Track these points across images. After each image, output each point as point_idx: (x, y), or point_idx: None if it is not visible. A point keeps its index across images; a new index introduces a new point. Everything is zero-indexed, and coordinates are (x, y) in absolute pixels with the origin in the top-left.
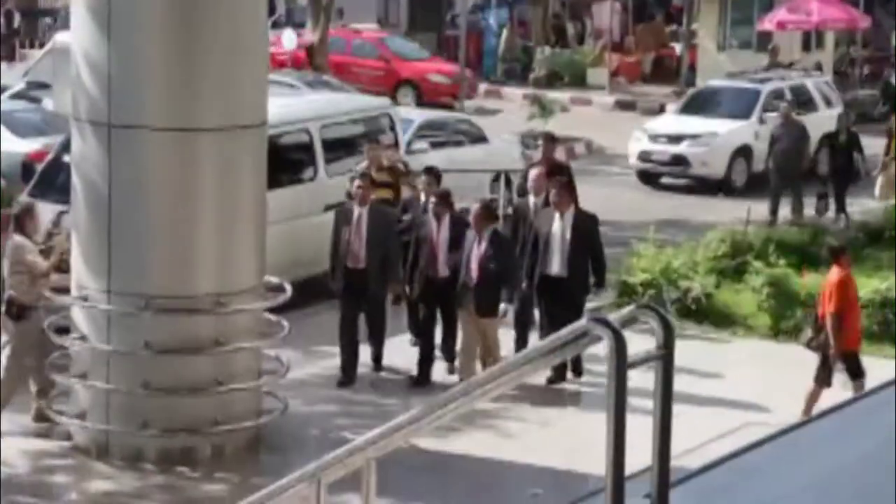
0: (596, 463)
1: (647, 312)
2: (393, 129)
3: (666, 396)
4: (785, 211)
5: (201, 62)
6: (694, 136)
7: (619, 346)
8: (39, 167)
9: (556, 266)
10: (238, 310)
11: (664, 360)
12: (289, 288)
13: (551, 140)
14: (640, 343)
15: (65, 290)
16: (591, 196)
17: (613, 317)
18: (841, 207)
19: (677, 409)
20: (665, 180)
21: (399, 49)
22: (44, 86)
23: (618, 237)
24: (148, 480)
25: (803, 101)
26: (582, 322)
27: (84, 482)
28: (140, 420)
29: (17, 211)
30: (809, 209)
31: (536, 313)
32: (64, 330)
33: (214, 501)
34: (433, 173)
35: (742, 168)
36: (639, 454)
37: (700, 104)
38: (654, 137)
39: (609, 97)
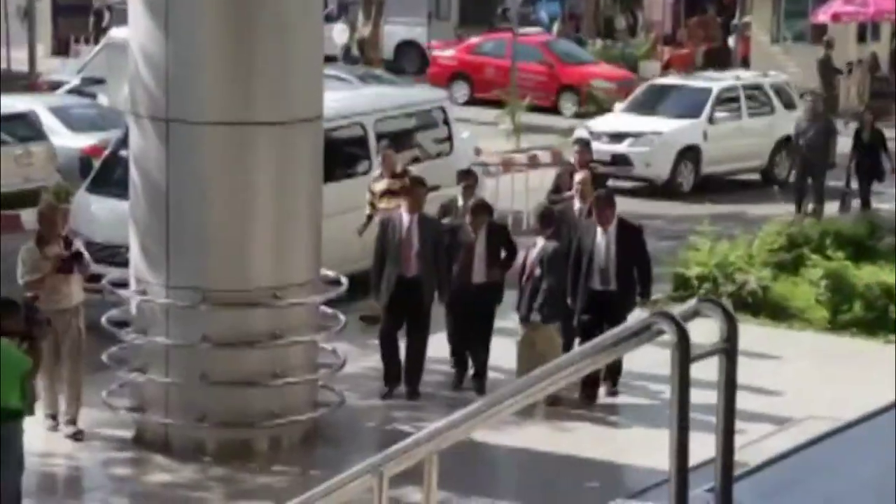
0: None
1: (710, 306)
2: (447, 122)
3: (729, 390)
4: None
5: (258, 56)
6: (636, 135)
7: (683, 340)
8: (97, 162)
9: (600, 281)
10: (294, 303)
11: (727, 353)
12: (345, 281)
13: (586, 146)
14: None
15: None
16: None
17: (676, 310)
18: (866, 204)
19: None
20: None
21: (564, 52)
22: (99, 81)
23: (673, 230)
24: (207, 473)
25: (759, 101)
26: (645, 316)
27: (144, 474)
28: (198, 413)
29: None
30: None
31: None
32: (123, 324)
33: (273, 494)
34: (471, 176)
35: (689, 170)
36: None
37: (647, 102)
38: (597, 136)
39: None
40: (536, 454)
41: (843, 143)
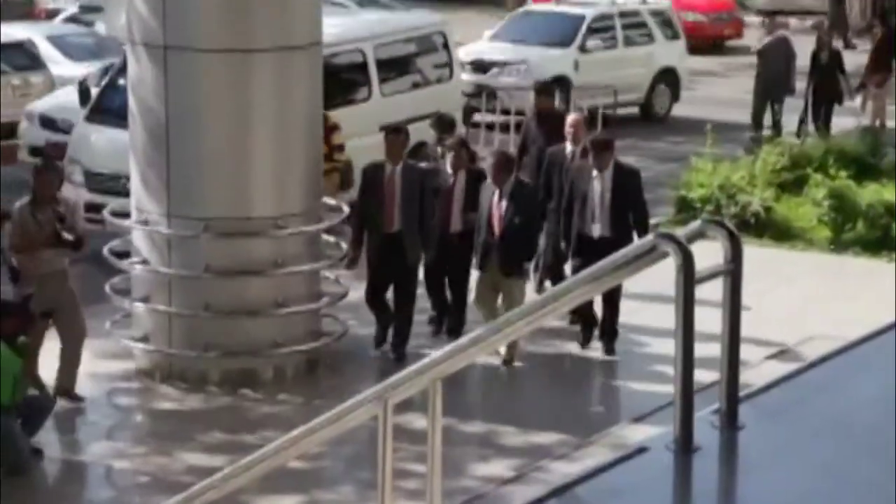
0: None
1: (714, 227)
2: (447, 47)
3: (734, 311)
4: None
5: None
6: (501, 65)
7: (687, 261)
8: (96, 91)
9: (596, 227)
10: (295, 232)
11: (732, 274)
12: (346, 208)
13: (545, 91)
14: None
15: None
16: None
17: (680, 232)
18: (826, 127)
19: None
20: (477, 117)
21: None
22: (96, 9)
23: (677, 151)
24: (212, 402)
25: (637, 30)
26: (649, 237)
27: (149, 404)
28: (202, 343)
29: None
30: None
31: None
32: (124, 254)
33: (278, 422)
34: (444, 121)
35: (558, 101)
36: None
37: (517, 30)
38: (461, 65)
39: None
40: (540, 380)
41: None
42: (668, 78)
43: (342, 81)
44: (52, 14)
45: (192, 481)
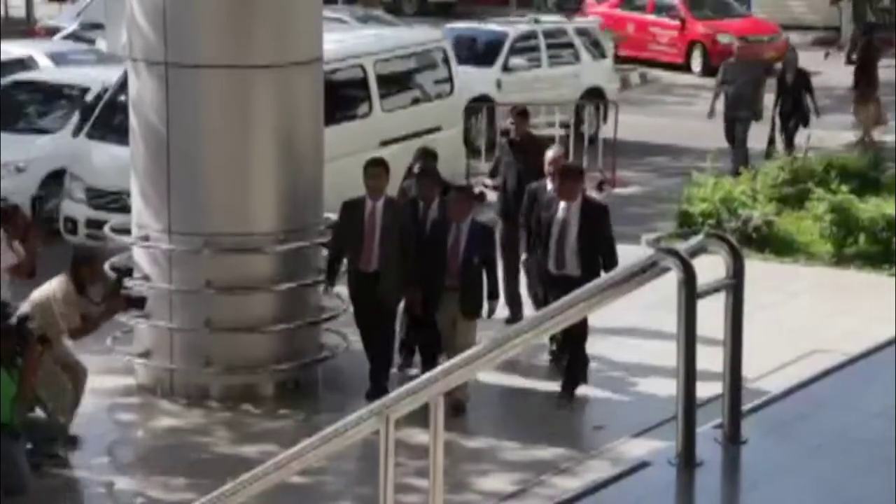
0: (659, 393)
1: (717, 242)
2: (447, 62)
3: (736, 326)
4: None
5: None
6: None
7: (689, 276)
8: (97, 108)
9: (555, 263)
10: (296, 247)
11: (734, 288)
12: None
13: (522, 115)
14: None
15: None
16: (645, 126)
17: (682, 247)
18: (789, 147)
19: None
20: None
21: (702, 4)
22: (97, 26)
23: (675, 167)
24: (212, 417)
25: (563, 49)
26: (650, 252)
27: (150, 419)
28: (203, 358)
29: (75, 256)
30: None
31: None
32: (126, 270)
33: (278, 438)
34: (424, 152)
35: (481, 123)
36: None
37: None
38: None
39: None
40: (540, 394)
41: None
42: (596, 98)
43: (343, 97)
44: (52, 32)
45: (193, 497)
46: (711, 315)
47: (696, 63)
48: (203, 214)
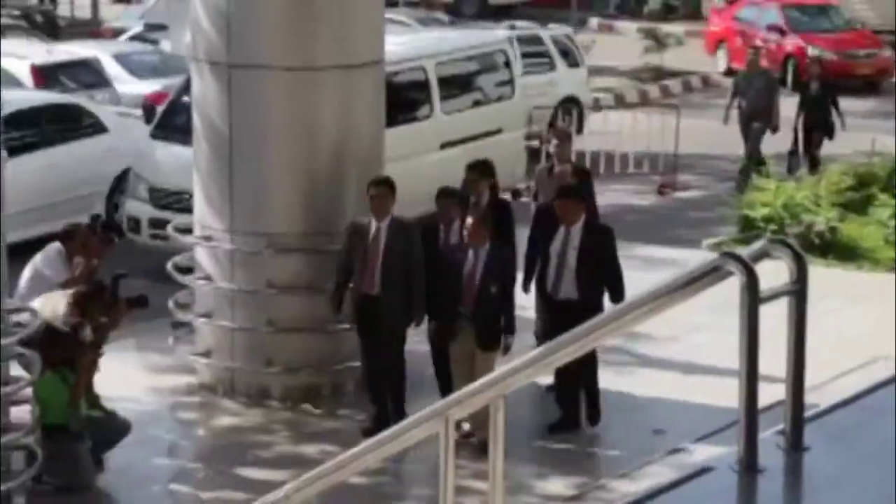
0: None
1: (780, 246)
2: (508, 65)
3: (799, 332)
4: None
5: (319, 0)
6: None
7: (752, 281)
8: (160, 109)
9: (555, 288)
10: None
11: (797, 294)
12: None
13: (565, 137)
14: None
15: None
16: (705, 130)
17: (745, 251)
18: (814, 165)
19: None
20: None
21: (804, 17)
22: (161, 27)
23: (734, 171)
24: (273, 416)
25: (538, 57)
26: (713, 257)
27: (210, 418)
28: (264, 358)
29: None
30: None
31: None
32: (188, 269)
33: (338, 438)
34: (476, 170)
35: None
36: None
37: None
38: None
39: None
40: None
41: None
42: (572, 107)
43: (404, 99)
44: (117, 32)
45: (253, 497)
46: (774, 320)
47: (790, 76)
48: (265, 214)
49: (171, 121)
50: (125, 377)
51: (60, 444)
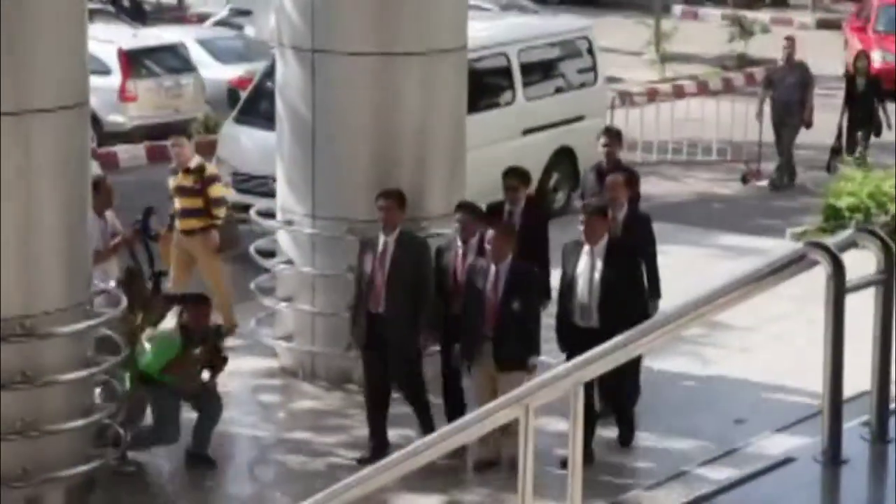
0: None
1: (867, 236)
2: (591, 52)
3: (886, 321)
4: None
5: None
6: None
7: (838, 270)
8: (244, 94)
9: (581, 314)
10: (437, 234)
11: (885, 284)
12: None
13: (615, 137)
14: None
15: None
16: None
17: (831, 241)
18: (862, 163)
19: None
20: None
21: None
22: (245, 13)
23: (822, 161)
24: (352, 400)
25: None
26: (797, 246)
27: (291, 401)
28: (345, 342)
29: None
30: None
31: None
32: (270, 253)
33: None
34: (516, 176)
35: None
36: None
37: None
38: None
39: (811, 16)
40: (679, 387)
41: None
42: None
43: (486, 85)
44: (202, 18)
45: (332, 480)
46: (860, 310)
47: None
48: (346, 199)
49: (254, 106)
50: None
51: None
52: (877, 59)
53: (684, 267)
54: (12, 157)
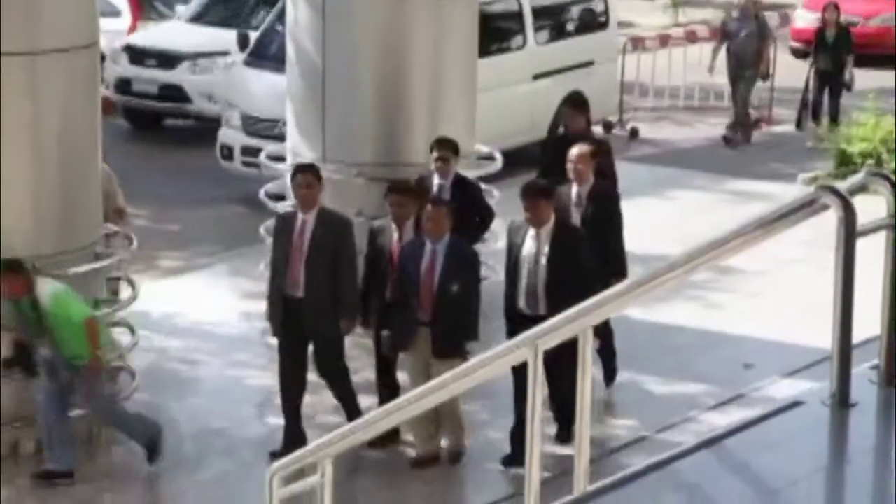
0: (809, 334)
1: (878, 180)
2: None
3: None
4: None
5: None
6: (195, 56)
7: (849, 214)
8: (254, 36)
9: (526, 301)
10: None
11: (895, 229)
12: (499, 157)
13: (580, 105)
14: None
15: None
16: (803, 64)
17: (842, 185)
18: (833, 119)
19: None
20: (169, 122)
21: None
22: None
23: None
24: (360, 342)
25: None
26: (809, 190)
27: None
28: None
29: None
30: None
31: None
32: (280, 196)
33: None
34: (449, 147)
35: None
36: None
37: (221, 7)
38: (138, 57)
39: None
40: (689, 331)
41: None
42: None
43: (497, 29)
44: None
45: (341, 421)
46: (870, 255)
47: None
48: (356, 143)
49: (264, 49)
50: (217, 302)
51: None
52: None
53: (694, 212)
54: (24, 97)
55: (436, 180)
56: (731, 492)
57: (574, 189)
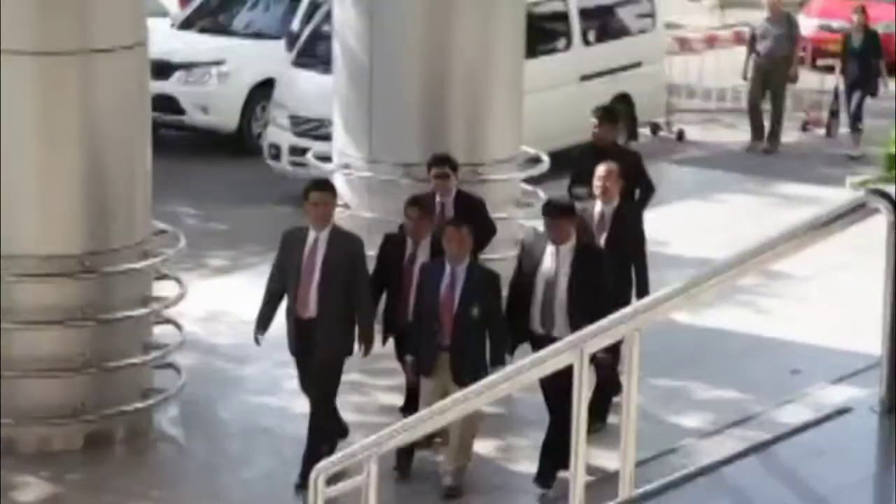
0: (858, 339)
1: None
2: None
3: None
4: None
5: None
6: (188, 66)
7: None
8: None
9: (541, 321)
10: (496, 179)
11: None
12: (546, 159)
13: (608, 115)
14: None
15: None
16: None
17: (892, 189)
18: (855, 124)
19: None
20: (164, 132)
21: None
22: None
23: (885, 108)
24: None
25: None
26: (857, 194)
27: None
28: None
29: None
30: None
31: None
32: None
33: None
34: (447, 163)
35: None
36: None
37: (216, 14)
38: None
39: None
40: (739, 336)
41: None
42: None
43: (544, 30)
44: None
45: (388, 421)
46: None
47: None
48: (403, 143)
49: (312, 49)
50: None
51: None
52: None
53: (742, 215)
54: (74, 96)
55: (437, 199)
56: (777, 498)
57: (598, 207)
